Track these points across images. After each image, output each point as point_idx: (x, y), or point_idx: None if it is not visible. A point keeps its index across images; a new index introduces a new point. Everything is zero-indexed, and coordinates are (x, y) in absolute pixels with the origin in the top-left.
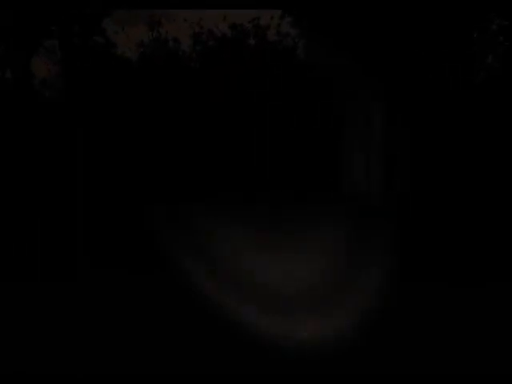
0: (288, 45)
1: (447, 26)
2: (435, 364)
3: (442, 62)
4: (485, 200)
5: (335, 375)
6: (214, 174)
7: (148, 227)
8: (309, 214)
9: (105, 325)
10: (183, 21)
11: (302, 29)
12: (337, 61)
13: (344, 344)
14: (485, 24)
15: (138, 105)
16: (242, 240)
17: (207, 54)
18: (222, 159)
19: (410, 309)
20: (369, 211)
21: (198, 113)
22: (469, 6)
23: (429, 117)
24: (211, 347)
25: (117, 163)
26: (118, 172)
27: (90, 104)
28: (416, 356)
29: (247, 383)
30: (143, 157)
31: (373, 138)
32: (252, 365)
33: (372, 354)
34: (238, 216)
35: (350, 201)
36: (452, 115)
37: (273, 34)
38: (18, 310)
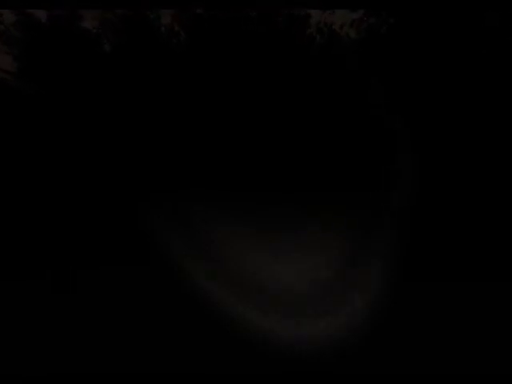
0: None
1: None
2: (436, 364)
3: (444, 64)
4: (489, 201)
5: (337, 375)
6: (212, 170)
7: (148, 227)
8: (318, 211)
9: (101, 321)
10: None
11: None
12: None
13: (345, 343)
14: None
15: (112, 90)
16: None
17: (194, 27)
18: (222, 155)
19: (412, 308)
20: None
21: (182, 102)
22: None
23: (430, 119)
24: (203, 340)
25: (105, 157)
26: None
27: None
28: (417, 356)
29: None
30: (133, 150)
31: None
32: (241, 357)
33: (374, 354)
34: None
35: (371, 201)
36: (453, 116)
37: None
38: (15, 309)
